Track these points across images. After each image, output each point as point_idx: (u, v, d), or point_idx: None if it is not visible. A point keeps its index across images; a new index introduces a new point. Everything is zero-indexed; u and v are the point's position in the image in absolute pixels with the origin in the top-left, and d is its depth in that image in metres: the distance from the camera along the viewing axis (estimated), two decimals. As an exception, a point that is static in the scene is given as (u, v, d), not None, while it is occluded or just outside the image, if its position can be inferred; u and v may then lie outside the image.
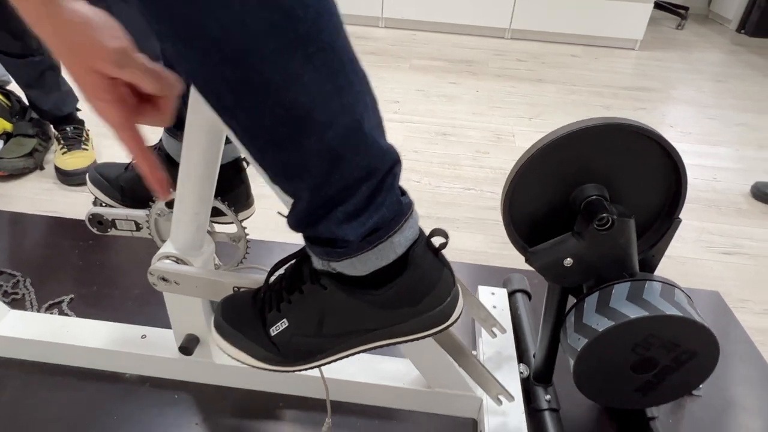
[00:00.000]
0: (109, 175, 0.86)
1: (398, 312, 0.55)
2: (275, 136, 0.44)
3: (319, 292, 0.55)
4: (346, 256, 0.51)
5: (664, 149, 0.68)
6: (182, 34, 0.39)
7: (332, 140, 0.44)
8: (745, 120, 2.11)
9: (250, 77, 0.40)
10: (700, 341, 0.69)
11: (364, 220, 0.49)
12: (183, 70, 0.44)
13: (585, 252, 0.70)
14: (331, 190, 0.47)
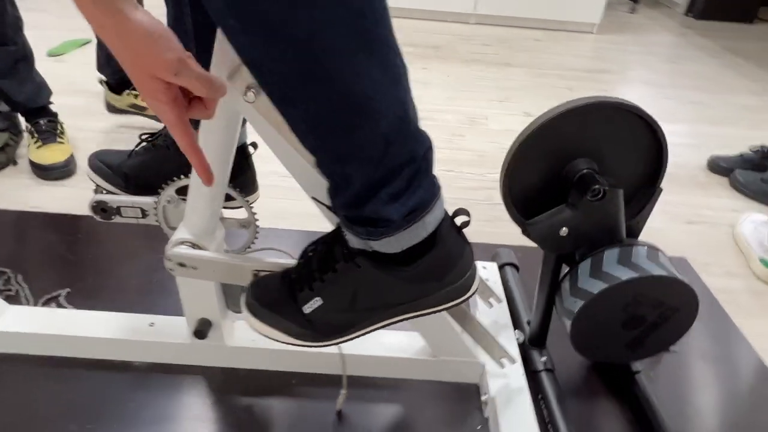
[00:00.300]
0: (111, 162, 0.86)
1: (425, 286, 0.59)
2: (336, 125, 0.47)
3: (353, 271, 0.58)
4: (385, 235, 0.55)
5: (647, 123, 0.74)
6: (264, 31, 0.42)
7: (385, 128, 0.48)
8: (699, 99, 2.25)
9: (321, 70, 0.43)
10: (682, 298, 0.76)
11: (405, 200, 0.53)
12: (253, 62, 0.46)
13: (579, 221, 0.76)
14: (379, 174, 0.50)
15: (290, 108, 0.48)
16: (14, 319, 0.88)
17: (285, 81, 0.45)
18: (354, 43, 0.43)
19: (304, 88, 0.45)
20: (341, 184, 0.53)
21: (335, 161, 0.51)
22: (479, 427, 0.84)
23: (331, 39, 0.42)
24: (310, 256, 0.63)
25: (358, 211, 0.54)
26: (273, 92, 0.47)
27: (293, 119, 0.49)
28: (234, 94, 0.60)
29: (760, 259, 1.25)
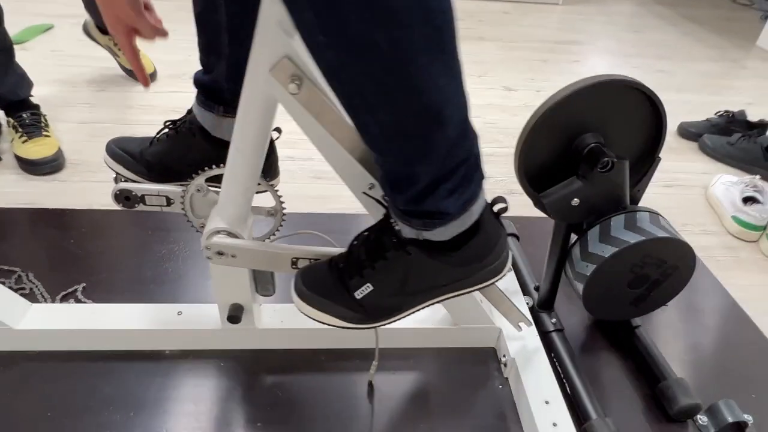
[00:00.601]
0: (132, 150, 0.86)
1: (468, 268, 0.64)
2: (411, 131, 0.51)
3: (403, 258, 0.62)
4: (440, 226, 0.59)
5: (648, 98, 0.80)
6: (351, 47, 0.44)
7: (452, 131, 0.51)
8: (663, 67, 2.36)
9: (405, 83, 0.47)
10: (682, 256, 0.84)
11: (460, 194, 0.57)
12: (336, 75, 0.49)
13: (588, 192, 0.82)
14: (441, 172, 0.54)
15: (366, 116, 0.51)
16: (39, 316, 0.88)
17: (367, 92, 0.48)
18: (434, 56, 0.46)
19: (385, 98, 0.48)
20: (406, 183, 0.56)
21: (404, 163, 0.54)
22: (500, 387, 0.91)
23: (416, 54, 0.45)
24: (356, 246, 0.67)
25: (417, 206, 0.58)
26: (351, 101, 0.50)
27: (366, 125, 0.52)
28: (275, 86, 0.62)
29: (733, 217, 1.36)
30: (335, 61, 0.47)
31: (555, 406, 0.81)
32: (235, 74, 0.78)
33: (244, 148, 0.68)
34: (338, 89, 0.51)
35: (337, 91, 0.52)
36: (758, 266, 1.29)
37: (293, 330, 0.91)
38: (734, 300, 1.14)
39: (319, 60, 0.49)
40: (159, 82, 1.84)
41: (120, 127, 1.56)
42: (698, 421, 0.87)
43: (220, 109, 0.80)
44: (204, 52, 0.79)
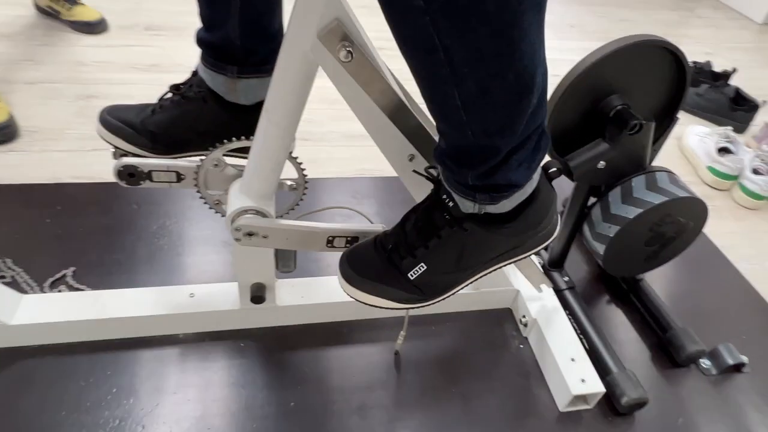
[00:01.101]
0: (131, 120, 0.76)
1: (524, 236, 0.63)
2: (497, 100, 0.46)
3: (458, 234, 0.60)
4: (506, 198, 0.56)
5: (674, 55, 0.80)
6: (454, 10, 0.39)
7: (534, 99, 0.48)
8: (626, 16, 2.38)
9: (503, 46, 0.42)
10: (697, 214, 0.87)
11: (530, 164, 0.54)
12: (425, 45, 0.43)
13: (614, 154, 0.82)
14: (516, 142, 0.51)
15: (450, 87, 0.45)
16: (34, 308, 0.80)
17: (460, 60, 0.43)
18: (535, 15, 0.42)
19: (480, 65, 0.43)
20: (481, 156, 0.52)
21: (484, 135, 0.50)
22: (521, 347, 0.93)
23: (521, 14, 0.41)
24: (405, 225, 0.64)
25: (487, 180, 0.54)
26: (437, 72, 0.45)
27: (446, 97, 0.47)
28: (321, 52, 0.56)
29: (708, 167, 1.43)
30: (428, 29, 0.42)
31: (581, 363, 0.84)
32: (250, 29, 0.70)
33: (280, 120, 0.62)
34: (421, 60, 0.46)
35: (419, 63, 0.47)
36: (732, 214, 1.37)
37: (314, 305, 0.88)
38: (717, 248, 1.22)
39: (404, 28, 0.44)
40: (110, 34, 1.66)
41: (75, 87, 1.40)
42: (702, 364, 0.94)
43: (234, 70, 0.72)
44: (207, 5, 0.70)
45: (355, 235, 0.72)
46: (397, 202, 1.20)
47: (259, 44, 0.71)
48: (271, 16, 0.71)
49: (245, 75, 0.72)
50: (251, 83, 0.73)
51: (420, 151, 0.66)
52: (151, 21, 1.75)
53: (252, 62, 0.72)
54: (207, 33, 0.71)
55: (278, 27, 0.73)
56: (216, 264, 0.99)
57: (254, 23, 0.69)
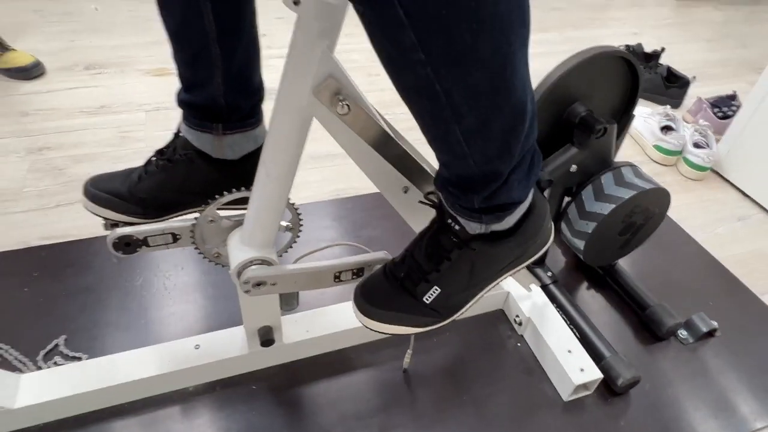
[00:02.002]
0: (118, 190, 0.75)
1: (526, 245, 0.67)
2: (495, 131, 0.49)
3: (467, 254, 0.63)
4: (509, 215, 0.60)
5: (628, 63, 0.86)
6: (453, 60, 0.42)
7: (528, 123, 0.51)
8: (556, 5, 2.49)
9: (498, 84, 0.45)
10: (662, 202, 0.94)
11: (528, 180, 0.58)
12: (425, 92, 0.46)
13: (584, 157, 0.88)
14: (515, 163, 0.54)
15: (450, 125, 0.48)
16: (35, 387, 0.78)
17: (458, 102, 0.46)
18: (524, 52, 0.45)
19: (477, 104, 0.46)
20: (483, 182, 0.55)
21: (484, 163, 0.53)
22: (518, 345, 0.98)
23: (513, 55, 0.44)
24: (413, 252, 0.66)
25: (493, 201, 0.58)
26: (438, 114, 0.48)
27: (447, 134, 0.50)
28: (317, 107, 0.58)
29: (655, 146, 1.53)
30: (430, 78, 0.44)
31: (577, 354, 0.90)
32: (234, 85, 0.71)
33: (278, 173, 0.64)
34: (423, 106, 0.49)
35: (421, 108, 0.49)
36: (681, 186, 1.48)
37: (319, 337, 0.90)
38: (675, 222, 1.32)
39: (406, 80, 0.47)
40: (49, 77, 1.58)
41: (23, 141, 1.34)
42: (680, 335, 1.02)
43: (219, 128, 0.73)
44: (190, 68, 0.70)
45: (360, 266, 0.74)
46: (376, 218, 1.23)
47: (242, 100, 0.72)
48: (252, 71, 0.72)
49: (231, 131, 0.73)
50: (237, 138, 0.74)
51: (413, 182, 0.69)
52: (90, 59, 1.69)
53: (236, 118, 0.72)
54: (189, 94, 0.71)
55: (258, 81, 0.74)
56: (210, 309, 0.99)
57: (237, 80, 0.69)
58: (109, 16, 1.95)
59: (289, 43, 0.55)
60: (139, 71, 1.65)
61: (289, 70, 0.56)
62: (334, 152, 1.39)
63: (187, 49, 0.68)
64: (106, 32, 1.84)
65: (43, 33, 1.78)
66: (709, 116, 1.63)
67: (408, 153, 0.67)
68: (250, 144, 0.75)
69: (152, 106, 1.51)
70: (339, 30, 0.55)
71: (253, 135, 0.75)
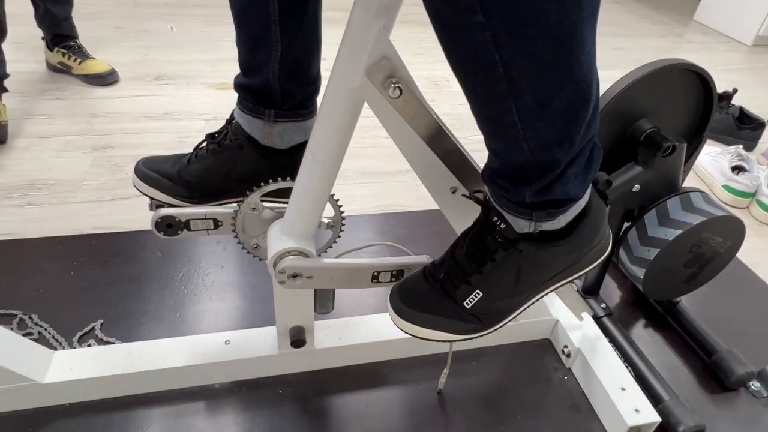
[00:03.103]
0: (167, 171, 0.76)
1: (579, 253, 0.61)
2: (557, 112, 0.46)
3: (514, 256, 0.58)
4: (563, 213, 0.55)
5: (700, 77, 0.81)
6: (515, 23, 0.39)
7: (593, 110, 0.48)
8: (620, 45, 2.45)
9: (563, 56, 0.42)
10: (735, 232, 0.86)
11: (585, 175, 0.54)
12: (482, 62, 0.43)
13: (648, 177, 0.82)
14: (573, 153, 0.50)
15: (507, 103, 0.45)
16: (66, 365, 0.77)
17: (519, 74, 0.43)
18: (592, 24, 0.42)
19: (540, 78, 0.43)
20: (539, 171, 0.51)
21: (542, 149, 0.49)
22: (565, 378, 0.90)
23: (581, 24, 0.41)
24: (455, 252, 0.62)
25: (546, 195, 0.54)
26: (494, 89, 0.44)
27: (502, 113, 0.46)
28: (369, 89, 0.56)
29: (724, 186, 1.43)
30: (488, 45, 0.41)
31: (632, 392, 0.82)
32: (290, 73, 0.71)
33: (325, 158, 0.62)
34: (478, 78, 0.45)
35: (475, 81, 0.46)
36: (754, 231, 1.37)
37: (353, 346, 0.86)
38: (746, 266, 1.21)
39: (462, 46, 0.43)
40: (121, 85, 1.68)
41: (90, 139, 1.40)
42: (752, 386, 0.91)
43: (271, 114, 0.72)
44: (250, 51, 0.71)
45: (401, 269, 0.71)
46: (420, 236, 1.19)
47: (296, 88, 0.71)
48: (310, 61, 0.72)
49: (282, 119, 0.73)
50: (287, 127, 0.73)
51: (463, 182, 0.66)
52: (160, 71, 1.78)
53: (289, 106, 0.72)
54: (246, 78, 0.72)
55: (316, 72, 0.74)
56: (246, 309, 0.97)
57: (294, 67, 0.69)
58: (183, 35, 2.07)
59: (347, 22, 0.54)
60: (203, 84, 1.72)
61: (343, 49, 0.55)
62: (383, 169, 1.38)
63: (249, 30, 0.69)
64: (178, 49, 1.95)
65: (121, 47, 1.91)
66: (786, 160, 1.52)
67: (459, 149, 0.64)
68: (300, 135, 0.75)
69: (211, 116, 1.56)
70: (397, 10, 0.54)
71: (304, 126, 0.74)
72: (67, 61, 1.64)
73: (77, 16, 1.70)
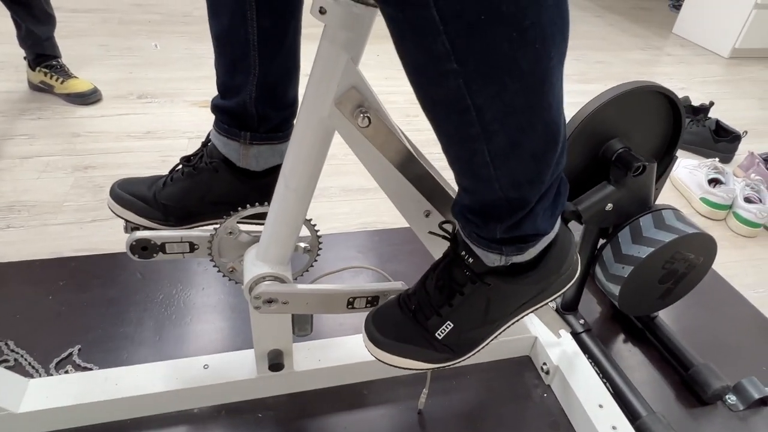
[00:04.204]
0: (142, 193, 0.76)
1: (547, 281, 0.62)
2: (527, 153, 0.47)
3: (482, 289, 0.59)
4: (531, 246, 0.56)
5: (668, 99, 0.83)
6: (488, 72, 0.40)
7: (561, 149, 0.49)
8: (601, 58, 2.49)
9: (534, 100, 0.43)
10: (707, 249, 0.88)
11: (554, 210, 0.55)
12: (454, 106, 0.44)
13: (620, 196, 0.84)
14: (543, 191, 0.51)
15: (479, 144, 0.46)
16: (42, 393, 0.77)
17: (490, 118, 0.44)
18: (561, 68, 0.43)
19: (510, 121, 0.44)
20: (509, 209, 0.52)
21: (512, 188, 0.50)
22: (545, 395, 0.91)
23: (551, 70, 0.42)
24: (426, 284, 0.63)
25: (516, 231, 0.55)
26: (466, 131, 0.45)
27: (474, 154, 0.47)
28: (338, 118, 0.57)
29: (701, 198, 1.46)
30: (461, 91, 0.42)
31: (609, 409, 0.82)
32: (267, 95, 0.72)
33: (297, 185, 0.62)
34: (451, 122, 0.46)
35: (448, 125, 0.47)
36: (731, 242, 1.39)
37: (332, 368, 0.86)
38: (723, 278, 1.22)
39: (435, 92, 0.44)
40: (104, 104, 1.68)
41: (71, 159, 1.40)
42: (728, 400, 0.92)
43: (246, 137, 0.73)
44: (228, 74, 0.72)
45: (376, 295, 0.71)
46: (403, 253, 1.20)
47: (273, 112, 0.72)
48: (287, 84, 0.73)
49: (258, 141, 0.73)
50: (263, 150, 0.74)
51: (436, 207, 0.67)
52: (144, 89, 1.78)
53: (265, 129, 0.73)
54: (223, 100, 0.73)
55: (293, 96, 0.75)
56: (226, 331, 0.97)
57: (271, 91, 0.70)
58: (167, 53, 2.07)
59: (315, 53, 0.55)
60: (187, 102, 1.72)
61: (313, 80, 0.56)
62: (365, 186, 1.39)
63: (228, 53, 0.70)
64: (162, 66, 1.95)
65: (105, 65, 1.91)
66: (762, 171, 1.55)
67: (431, 174, 0.65)
68: (276, 157, 0.75)
69: (195, 134, 1.56)
70: (364, 42, 0.55)
71: (280, 149, 0.75)
72: (48, 81, 1.64)
73: (61, 34, 1.70)
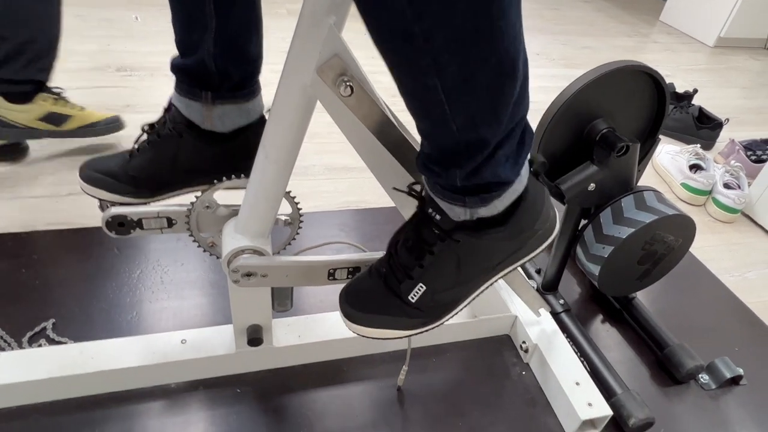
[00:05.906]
0: (111, 169, 0.73)
1: (520, 239, 0.61)
2: (481, 86, 0.45)
3: (452, 247, 0.58)
4: (496, 198, 0.56)
5: (653, 79, 0.83)
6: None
7: (518, 86, 0.47)
8: (588, 43, 2.48)
9: (484, 25, 0.41)
10: (686, 230, 0.89)
11: (517, 158, 0.54)
12: (405, 35, 0.42)
13: (603, 176, 0.84)
14: (503, 134, 0.50)
15: (433, 78, 0.45)
16: (13, 366, 0.75)
17: (441, 47, 0.42)
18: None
19: (462, 50, 0.43)
20: (467, 152, 0.51)
21: (472, 127, 0.49)
22: (523, 373, 0.92)
23: None
24: (395, 247, 0.62)
25: (477, 178, 0.53)
26: (418, 63, 0.44)
27: (428, 90, 0.46)
28: (320, 87, 0.56)
29: (682, 183, 1.47)
30: (404, 13, 0.41)
31: (586, 387, 0.84)
32: (225, 51, 0.69)
33: (278, 156, 0.61)
34: (399, 51, 0.45)
35: (397, 54, 0.46)
36: (709, 227, 1.41)
37: (312, 344, 0.85)
38: (701, 262, 1.24)
39: (378, 15, 0.43)
40: (81, 76, 1.62)
41: (46, 132, 1.36)
42: (700, 379, 0.94)
43: (209, 96, 0.70)
44: (185, 30, 0.69)
45: (357, 265, 0.70)
46: (386, 233, 1.18)
47: (234, 68, 0.70)
48: (247, 38, 0.69)
49: (220, 101, 0.71)
50: (227, 109, 0.72)
51: (413, 175, 0.66)
52: (123, 62, 1.73)
53: (227, 87, 0.70)
54: (182, 58, 0.70)
55: (255, 51, 0.72)
56: (205, 307, 0.96)
57: (230, 45, 0.68)
58: (148, 25, 2.01)
59: (298, 18, 0.53)
60: (168, 76, 1.66)
61: (294, 45, 0.54)
62: (350, 165, 1.38)
63: (184, 7, 0.67)
64: (143, 39, 1.90)
65: (82, 36, 1.85)
66: (742, 158, 1.57)
67: (408, 142, 0.63)
68: (242, 118, 0.73)
69: (175, 109, 1.52)
70: (348, 6, 0.53)
71: (246, 108, 0.73)
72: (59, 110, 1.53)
73: (34, 4, 1.64)
